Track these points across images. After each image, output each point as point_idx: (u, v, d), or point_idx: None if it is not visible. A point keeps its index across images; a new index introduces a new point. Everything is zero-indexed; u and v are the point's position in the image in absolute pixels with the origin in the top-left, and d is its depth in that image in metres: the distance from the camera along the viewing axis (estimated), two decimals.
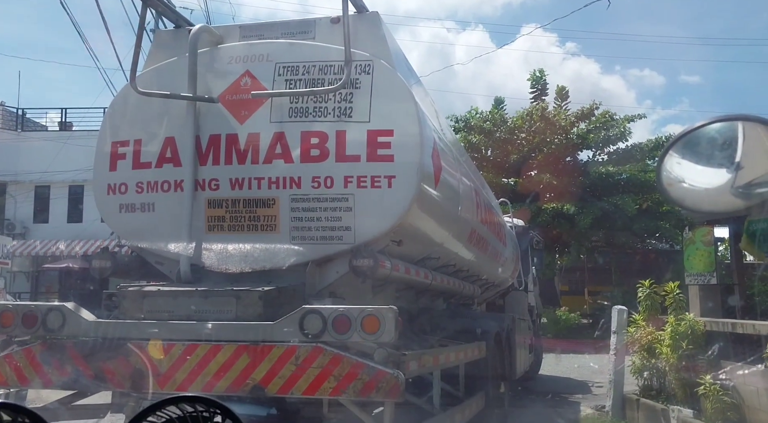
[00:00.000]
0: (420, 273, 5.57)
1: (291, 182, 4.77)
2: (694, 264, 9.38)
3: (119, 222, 5.24)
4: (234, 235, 4.85)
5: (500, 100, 26.51)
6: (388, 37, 5.18)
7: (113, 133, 5.33)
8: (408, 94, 4.86)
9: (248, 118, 4.91)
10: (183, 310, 4.45)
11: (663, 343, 7.69)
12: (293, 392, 4.04)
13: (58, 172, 25.35)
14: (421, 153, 4.75)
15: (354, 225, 4.67)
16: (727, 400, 6.51)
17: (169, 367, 4.14)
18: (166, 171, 5.03)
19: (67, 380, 4.42)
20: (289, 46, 5.06)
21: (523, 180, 22.76)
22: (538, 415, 9.20)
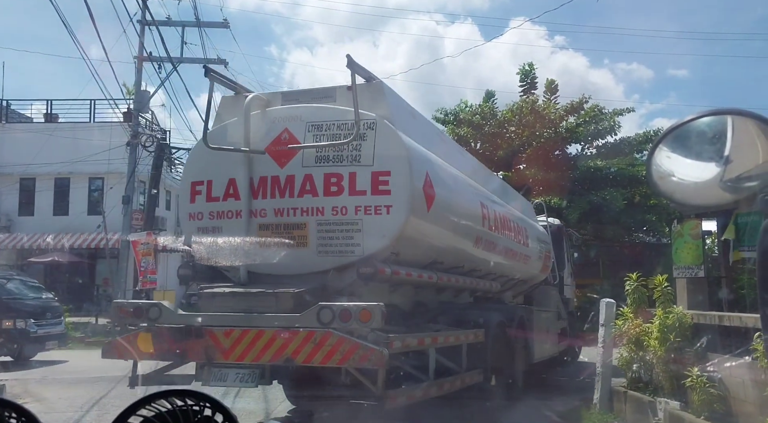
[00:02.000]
0: (423, 275, 7.14)
1: (317, 211, 6.52)
2: (682, 257, 9.49)
3: (198, 240, 6.94)
4: (277, 249, 6.55)
5: (491, 93, 26.70)
6: (390, 99, 6.80)
7: (192, 175, 7.23)
8: (401, 145, 6.45)
9: (286, 164, 6.67)
10: (240, 305, 6.31)
11: (651, 336, 7.77)
12: (313, 362, 5.78)
13: (44, 165, 25.43)
14: (412, 188, 6.40)
15: (362, 242, 6.35)
16: (714, 392, 6.57)
17: (230, 345, 6.01)
18: (230, 203, 6.84)
19: (163, 354, 6.38)
20: (316, 109, 6.74)
21: (512, 174, 22.83)
22: (526, 406, 9.25)
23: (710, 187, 1.46)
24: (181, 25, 23.49)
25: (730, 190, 1.45)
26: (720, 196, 1.46)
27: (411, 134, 6.88)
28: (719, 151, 1.46)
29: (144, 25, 22.29)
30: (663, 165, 1.52)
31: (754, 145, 1.41)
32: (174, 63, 22.29)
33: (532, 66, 26.32)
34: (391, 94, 7.00)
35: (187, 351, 6.24)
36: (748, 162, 1.42)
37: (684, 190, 1.52)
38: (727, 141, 1.44)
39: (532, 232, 11.54)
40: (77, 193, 27.90)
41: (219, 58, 24.94)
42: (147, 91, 23.11)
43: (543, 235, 12.48)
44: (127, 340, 6.42)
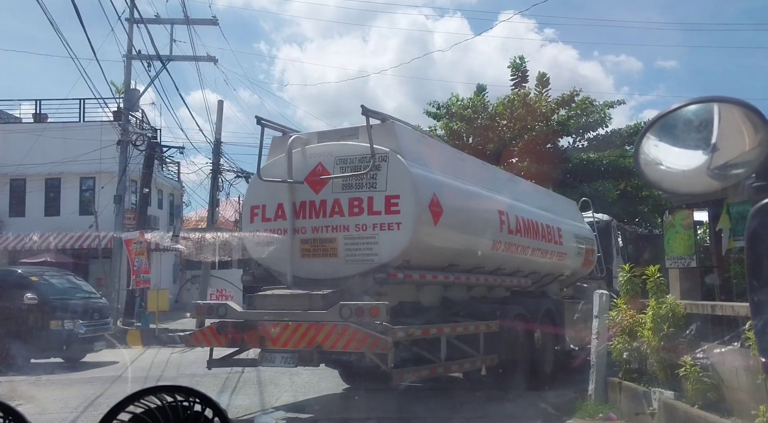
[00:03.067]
0: (439, 276, 8.82)
1: (344, 228, 8.22)
2: (674, 247, 9.53)
3: (256, 252, 9.00)
4: (315, 260, 8.42)
5: (482, 87, 26.49)
6: (400, 135, 8.37)
7: (250, 200, 9.29)
8: (408, 173, 8.01)
9: (320, 191, 8.42)
10: (284, 304, 8.14)
11: (644, 326, 7.84)
12: (336, 348, 7.47)
13: (34, 165, 25.20)
14: (417, 208, 7.98)
15: (380, 253, 8.01)
16: (707, 381, 6.64)
17: (277, 335, 7.78)
18: (279, 223, 8.67)
19: (229, 343, 8.23)
20: (342, 146, 8.45)
21: (504, 167, 22.82)
22: (519, 397, 9.29)
23: (698, 174, 1.46)
24: (170, 23, 23.35)
25: (717, 177, 1.45)
26: (708, 183, 1.47)
27: (422, 161, 8.57)
28: (706, 138, 1.46)
29: (132, 23, 22.07)
30: (651, 153, 1.52)
31: (740, 132, 1.41)
32: (163, 61, 22.23)
33: (523, 59, 26.23)
34: (402, 131, 8.64)
35: (246, 340, 8.07)
36: (735, 149, 1.43)
37: (672, 178, 1.53)
38: (713, 129, 1.45)
39: (569, 231, 12.75)
40: (68, 193, 27.73)
41: (209, 55, 24.87)
42: (137, 89, 22.96)
43: (585, 231, 13.85)
44: (203, 332, 8.41)
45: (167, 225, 32.71)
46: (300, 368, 9.44)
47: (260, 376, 11.33)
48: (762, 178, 1.39)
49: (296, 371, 10.14)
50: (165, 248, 26.53)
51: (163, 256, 28.17)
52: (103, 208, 23.75)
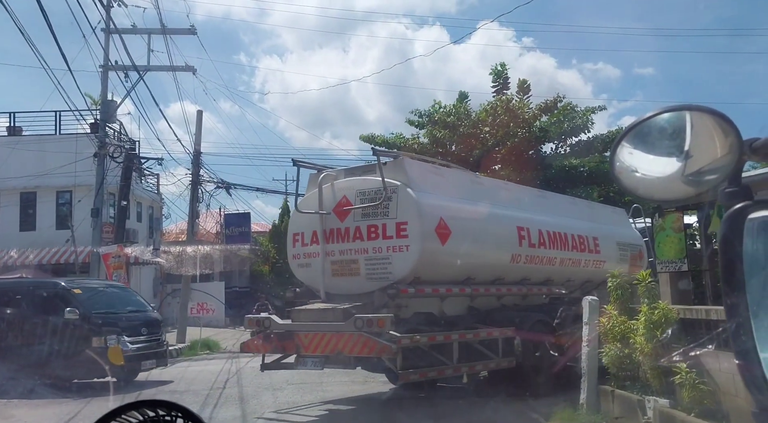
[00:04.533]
0: (453, 289, 10.33)
1: (364, 251, 9.87)
2: (665, 251, 9.60)
3: (298, 273, 10.84)
4: (343, 278, 10.11)
5: (464, 94, 26.71)
6: (409, 169, 9.91)
7: (293, 228, 11.08)
8: (414, 202, 9.56)
9: (345, 220, 10.11)
10: (313, 317, 9.91)
11: (637, 333, 7.81)
12: (353, 353, 9.15)
13: (9, 179, 25.05)
14: (423, 232, 9.53)
15: (393, 271, 9.61)
16: (704, 387, 6.62)
17: (308, 343, 9.53)
18: (314, 247, 10.45)
19: (273, 349, 10.16)
20: (362, 180, 10.16)
21: (486, 174, 22.91)
22: (509, 407, 9.40)
23: (672, 181, 1.53)
24: (147, 33, 23.35)
25: (691, 183, 1.52)
26: (682, 189, 1.53)
27: (431, 189, 10.13)
28: (679, 146, 1.53)
29: (108, 34, 22.11)
30: (626, 161, 1.59)
31: (712, 139, 1.48)
32: (140, 71, 22.13)
33: (504, 66, 26.38)
34: (411, 166, 10.25)
35: (285, 347, 9.95)
36: (707, 156, 1.49)
37: (647, 185, 1.59)
38: (686, 136, 1.52)
39: (609, 238, 14.02)
40: (44, 207, 27.62)
41: (186, 64, 24.83)
42: (113, 100, 22.91)
43: (631, 237, 15.20)
44: (253, 341, 10.33)
45: (147, 238, 32.54)
46: (284, 383, 12.45)
47: (243, 392, 11.97)
48: (733, 184, 1.46)
49: (280, 386, 12.38)
50: (144, 262, 26.43)
51: (143, 270, 28.04)
52: (80, 222, 23.56)
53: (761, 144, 1.47)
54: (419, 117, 25.81)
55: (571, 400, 9.33)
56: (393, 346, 8.74)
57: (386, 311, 9.32)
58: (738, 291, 1.41)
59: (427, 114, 25.55)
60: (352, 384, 12.44)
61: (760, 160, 1.50)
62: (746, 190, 1.48)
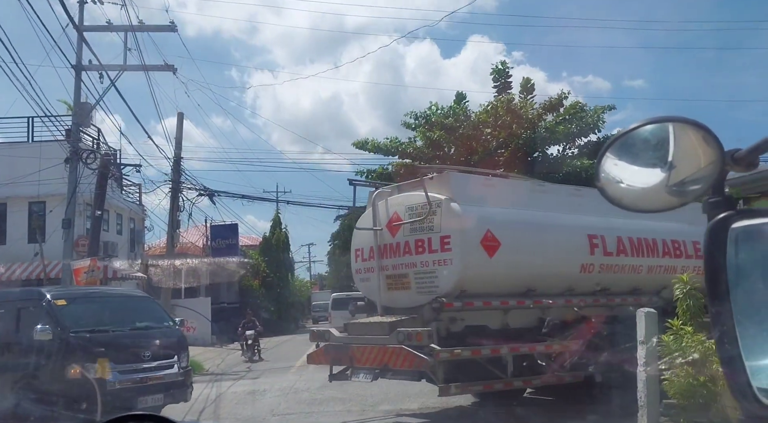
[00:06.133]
0: (510, 302, 10.60)
1: (413, 265, 10.46)
2: None
3: (360, 287, 11.95)
4: (396, 292, 10.80)
5: (462, 95, 26.50)
6: (453, 184, 10.42)
7: (355, 244, 11.90)
8: (457, 216, 9.98)
9: (396, 235, 10.79)
10: (364, 330, 10.65)
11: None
12: (396, 366, 9.62)
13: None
14: (466, 245, 9.99)
15: (439, 285, 10.10)
16: None
17: (359, 355, 10.20)
18: (371, 262, 11.26)
19: (331, 361, 10.91)
20: (411, 196, 10.72)
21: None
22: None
23: (657, 192, 1.63)
24: (124, 30, 22.49)
25: (676, 194, 1.62)
26: (667, 200, 1.64)
27: (480, 202, 10.43)
28: (663, 157, 1.63)
29: (82, 31, 21.32)
30: (611, 172, 1.69)
31: (695, 150, 1.58)
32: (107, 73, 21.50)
33: (505, 64, 26.10)
34: (456, 179, 10.81)
35: (341, 359, 10.66)
36: (691, 167, 1.60)
37: (632, 196, 1.70)
38: (669, 147, 1.63)
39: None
40: (14, 218, 27.02)
41: (166, 63, 24.02)
42: (87, 103, 22.17)
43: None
44: (316, 353, 11.32)
45: (128, 252, 32.36)
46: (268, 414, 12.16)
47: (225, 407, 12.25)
48: (716, 194, 1.57)
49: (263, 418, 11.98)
50: (125, 276, 26.23)
51: (123, 285, 27.90)
52: (51, 233, 23.12)
53: (743, 155, 1.57)
54: (415, 119, 25.75)
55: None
56: (430, 359, 9.23)
57: (436, 325, 9.83)
58: (722, 300, 1.52)
59: (423, 116, 25.50)
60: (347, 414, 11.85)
61: (741, 170, 1.60)
62: (729, 200, 1.57)
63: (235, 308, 33.95)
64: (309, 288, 76.60)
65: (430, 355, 9.26)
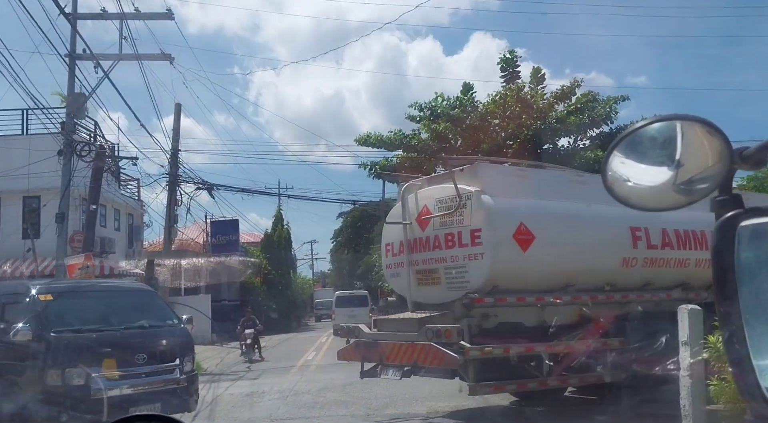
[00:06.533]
0: (545, 298, 10.37)
1: (443, 260, 10.42)
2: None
3: (391, 282, 12.08)
4: (426, 287, 10.77)
5: (468, 85, 26.00)
6: (483, 176, 10.33)
7: (384, 239, 12.01)
8: (488, 208, 9.93)
9: (425, 229, 10.79)
10: (393, 327, 10.86)
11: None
12: (426, 364, 9.67)
13: None
14: (497, 239, 9.91)
15: (470, 280, 10.02)
16: None
17: (389, 352, 10.27)
18: (400, 257, 11.30)
19: (362, 358, 10.93)
20: (441, 189, 10.67)
21: None
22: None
23: (664, 190, 1.67)
24: (118, 19, 22.18)
25: (683, 192, 1.66)
26: (674, 199, 1.67)
27: (513, 194, 10.32)
28: (670, 155, 1.66)
29: (75, 19, 21.19)
30: (618, 170, 1.73)
31: (703, 149, 1.62)
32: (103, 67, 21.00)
33: (513, 53, 25.57)
34: (487, 171, 10.76)
35: (371, 356, 10.70)
36: (699, 165, 1.63)
37: (639, 194, 1.73)
38: (677, 145, 1.66)
39: None
40: (9, 213, 26.85)
41: (162, 52, 23.89)
42: (82, 93, 21.79)
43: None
44: (347, 349, 11.33)
45: (125, 248, 32.37)
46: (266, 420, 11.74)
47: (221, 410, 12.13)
48: (724, 193, 1.61)
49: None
50: (122, 273, 26.28)
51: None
52: (45, 228, 23.08)
53: (751, 153, 1.60)
54: (420, 111, 25.37)
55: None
56: (459, 357, 9.22)
57: (467, 321, 9.73)
58: (731, 299, 1.55)
59: (428, 107, 25.15)
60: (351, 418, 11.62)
61: (749, 169, 1.63)
62: (737, 199, 1.60)
63: (236, 306, 33.76)
64: (311, 286, 76.70)
65: (459, 353, 9.23)
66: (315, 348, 27.94)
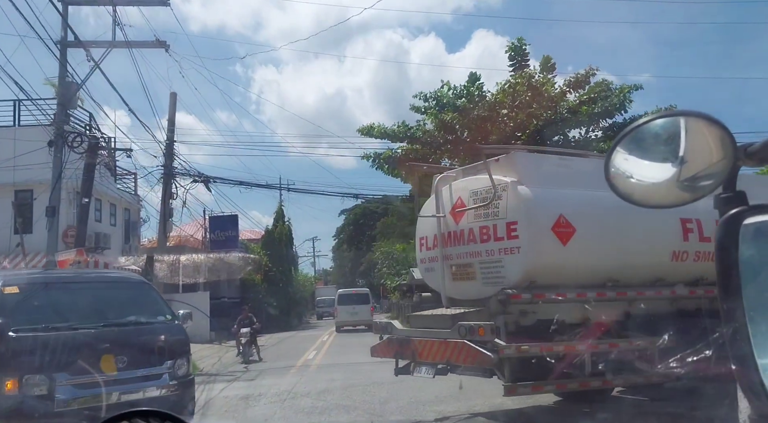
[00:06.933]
0: (587, 293, 9.98)
1: (478, 254, 10.24)
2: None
3: (425, 277, 11.83)
4: (462, 282, 10.64)
5: (475, 76, 25.40)
6: (520, 165, 10.09)
7: (418, 232, 11.92)
8: (525, 200, 9.67)
9: (459, 222, 10.66)
10: (426, 323, 10.72)
11: None
12: (459, 362, 9.59)
13: None
14: (535, 231, 9.65)
15: (506, 275, 9.80)
16: None
17: (422, 350, 10.20)
18: (434, 251, 11.21)
19: (394, 355, 10.92)
20: (475, 180, 10.48)
21: None
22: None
23: (668, 187, 1.70)
24: (111, 4, 21.93)
25: (687, 189, 1.69)
26: (678, 195, 1.71)
27: (553, 184, 9.97)
28: (674, 152, 1.70)
29: (66, 4, 21.04)
30: (621, 167, 1.77)
31: (707, 145, 1.65)
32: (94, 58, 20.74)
33: (522, 41, 24.89)
34: (525, 160, 10.46)
35: (404, 353, 10.61)
36: (703, 162, 1.67)
37: (642, 191, 1.77)
38: (681, 142, 1.70)
39: None
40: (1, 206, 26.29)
41: (157, 39, 23.42)
42: (73, 82, 21.38)
43: None
44: (380, 346, 11.19)
45: (121, 244, 32.36)
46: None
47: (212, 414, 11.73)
48: (728, 190, 1.64)
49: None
50: (117, 269, 26.25)
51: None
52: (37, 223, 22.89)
53: (756, 149, 1.63)
54: (425, 101, 24.77)
55: None
56: (493, 355, 9.00)
57: (503, 318, 9.44)
58: (734, 296, 1.58)
59: (434, 97, 24.54)
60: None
61: (754, 165, 1.67)
62: (741, 196, 1.62)
63: (236, 303, 33.54)
64: (313, 283, 76.91)
65: (493, 351, 9.01)
66: (316, 347, 27.82)
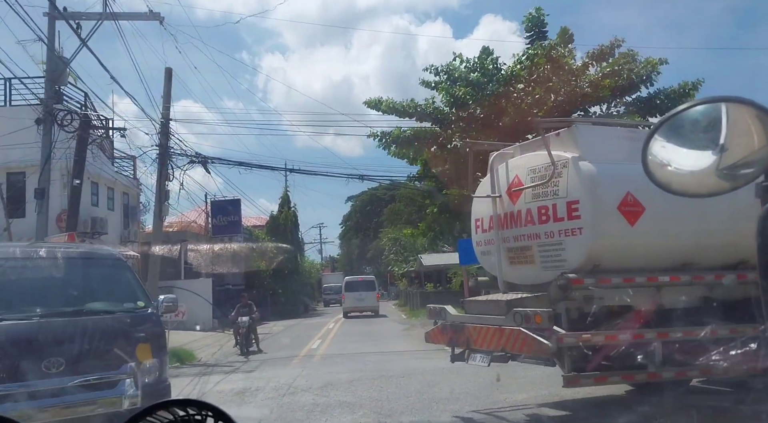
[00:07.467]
0: (661, 278, 9.54)
1: (536, 236, 9.87)
2: None
3: (481, 260, 11.67)
4: (519, 266, 10.31)
5: (488, 50, 24.57)
6: (582, 140, 9.63)
7: (474, 214, 11.69)
8: (587, 177, 9.19)
9: (516, 202, 10.26)
10: (481, 309, 10.49)
11: None
12: (514, 351, 9.42)
13: None
14: (599, 211, 9.18)
15: (567, 259, 9.37)
16: None
17: (476, 336, 10.02)
18: (490, 234, 10.94)
19: (448, 342, 10.92)
20: (533, 156, 10.03)
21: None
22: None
23: (707, 175, 1.72)
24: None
25: (727, 178, 1.71)
26: (717, 184, 1.73)
27: (619, 159, 9.06)
28: (714, 139, 1.71)
29: None
30: (659, 155, 1.79)
31: (749, 132, 1.66)
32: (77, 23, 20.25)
33: (540, 11, 23.99)
34: (586, 134, 9.87)
35: (458, 340, 10.49)
36: (744, 149, 1.69)
37: (680, 179, 1.79)
38: (721, 129, 1.71)
39: None
40: None
41: (151, 11, 22.83)
42: (63, 57, 20.77)
43: None
44: (434, 332, 11.23)
45: (120, 229, 32.19)
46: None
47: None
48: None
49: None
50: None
51: None
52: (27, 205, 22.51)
53: None
54: (435, 74, 24.00)
55: None
56: (552, 344, 8.61)
57: (565, 305, 9.11)
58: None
59: (445, 70, 23.80)
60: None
61: None
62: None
63: (241, 290, 34.10)
64: (319, 270, 77.17)
65: (552, 340, 8.64)
66: (321, 335, 27.49)
